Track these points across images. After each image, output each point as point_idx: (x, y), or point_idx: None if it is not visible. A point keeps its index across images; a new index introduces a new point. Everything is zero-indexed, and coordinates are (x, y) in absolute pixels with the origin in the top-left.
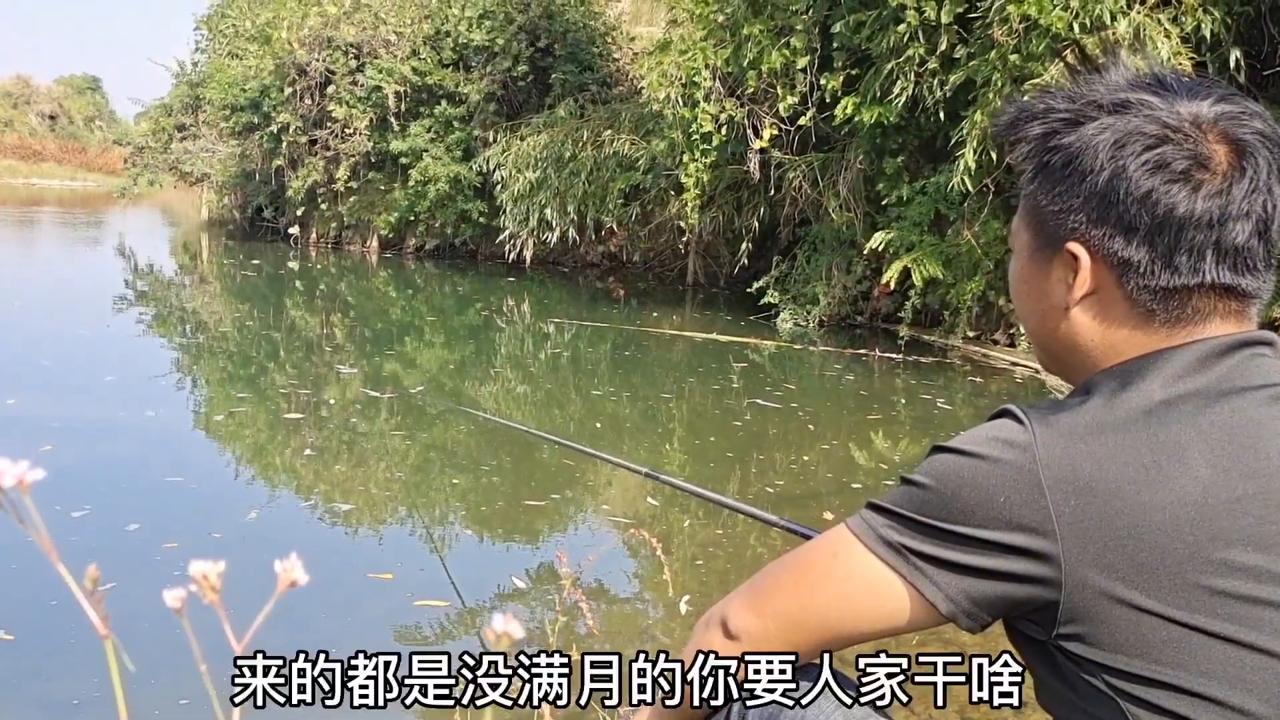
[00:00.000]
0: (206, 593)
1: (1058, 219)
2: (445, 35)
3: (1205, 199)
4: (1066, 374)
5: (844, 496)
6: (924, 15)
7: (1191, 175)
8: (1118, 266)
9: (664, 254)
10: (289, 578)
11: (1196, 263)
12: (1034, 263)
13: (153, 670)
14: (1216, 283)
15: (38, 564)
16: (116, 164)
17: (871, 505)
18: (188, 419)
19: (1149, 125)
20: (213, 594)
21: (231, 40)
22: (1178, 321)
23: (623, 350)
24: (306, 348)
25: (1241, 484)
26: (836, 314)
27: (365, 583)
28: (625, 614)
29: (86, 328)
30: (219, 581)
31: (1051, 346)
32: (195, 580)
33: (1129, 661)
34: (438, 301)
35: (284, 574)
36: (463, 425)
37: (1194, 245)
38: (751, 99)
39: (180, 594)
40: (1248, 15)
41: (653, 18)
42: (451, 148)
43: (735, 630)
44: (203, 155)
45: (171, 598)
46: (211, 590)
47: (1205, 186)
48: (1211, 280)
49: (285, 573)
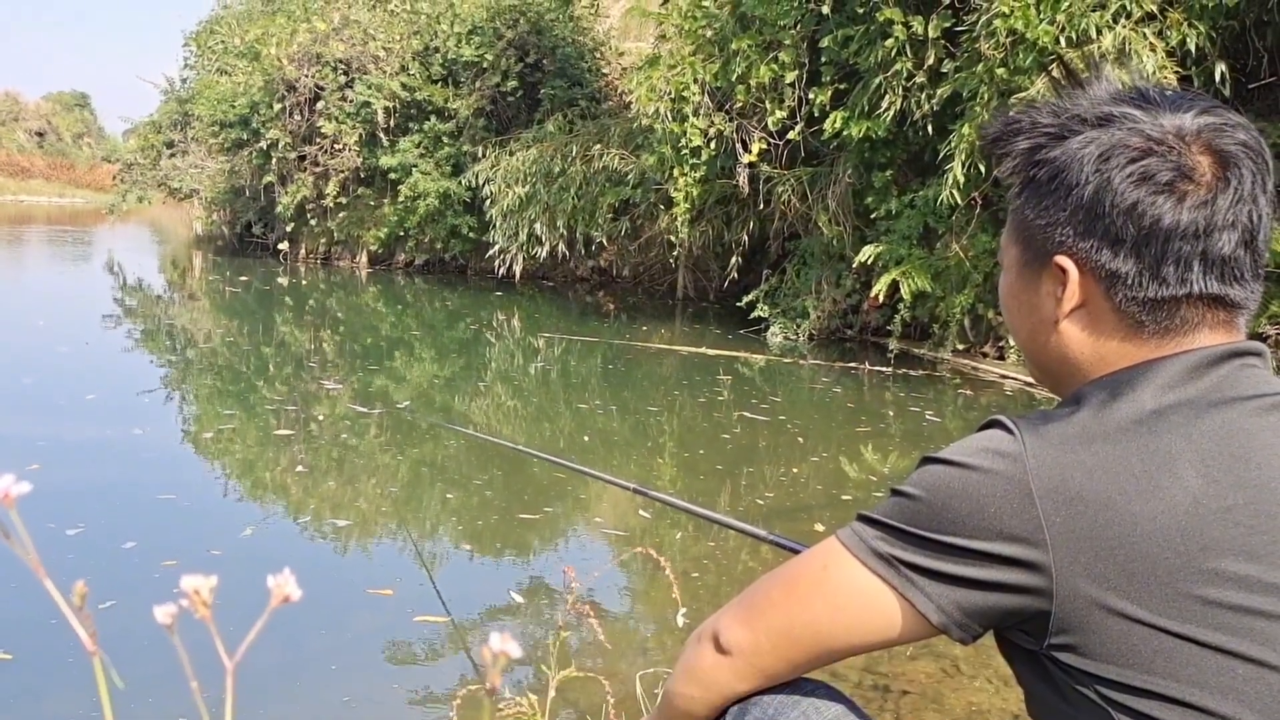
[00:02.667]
0: (198, 608)
1: (1045, 232)
2: (434, 51)
3: (1190, 210)
4: (1057, 387)
5: (834, 509)
6: (911, 30)
7: (1176, 186)
8: (1106, 279)
9: (653, 268)
10: (282, 593)
11: (1184, 273)
12: (1023, 277)
13: (148, 688)
14: (1204, 293)
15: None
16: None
17: (862, 517)
18: (177, 436)
19: (1133, 138)
20: (204, 609)
21: (220, 57)
22: (1167, 332)
23: (612, 365)
24: (296, 364)
25: (1232, 494)
26: (826, 327)
27: (364, 599)
28: (624, 628)
29: (71, 345)
30: (210, 596)
31: (1042, 360)
32: (187, 595)
33: (1121, 672)
34: (427, 317)
35: (277, 589)
36: (453, 440)
37: (1181, 256)
38: (740, 113)
39: (171, 609)
40: (1233, 29)
41: (641, 33)
42: (441, 163)
43: (727, 645)
44: (192, 171)
45: (162, 613)
46: (203, 605)
47: (1190, 197)
48: (1199, 291)
49: (279, 587)
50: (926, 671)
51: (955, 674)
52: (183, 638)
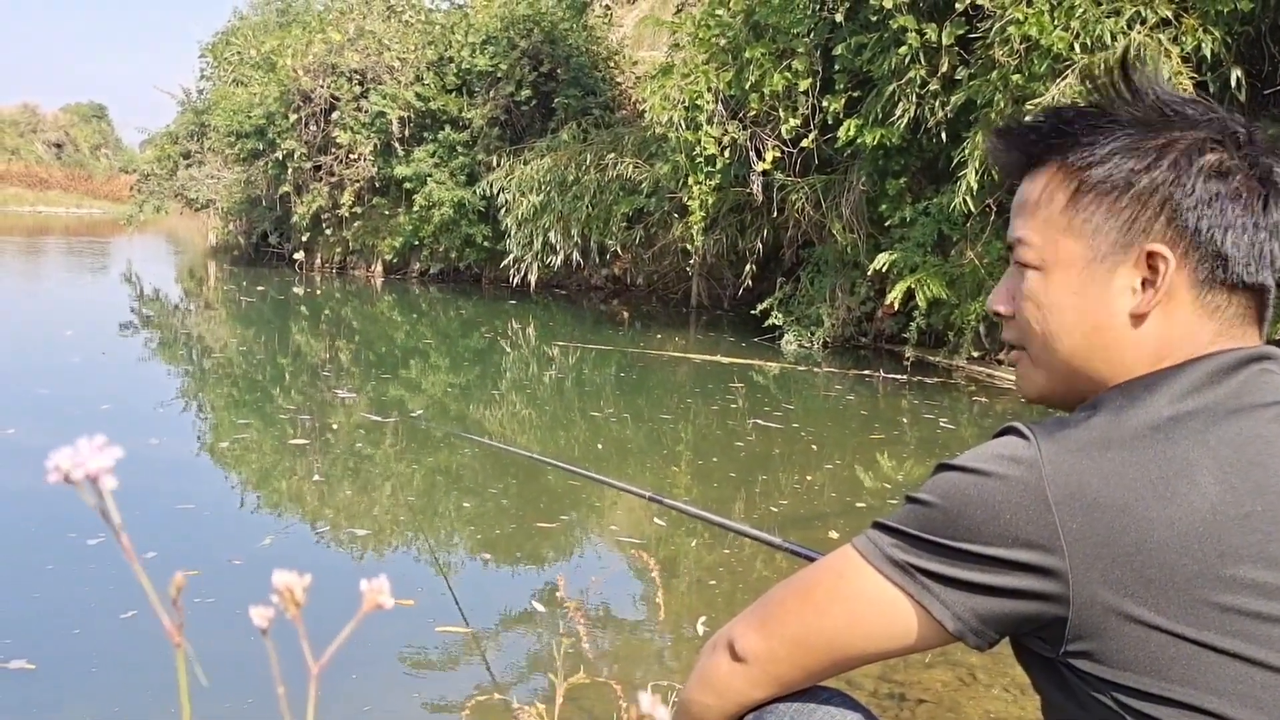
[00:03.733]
0: (289, 606)
1: (1130, 224)
2: (448, 61)
3: (1273, 211)
4: (1079, 395)
5: (849, 517)
6: (925, 37)
7: (1255, 187)
8: (1206, 260)
9: (668, 277)
10: (375, 599)
11: (1260, 268)
12: (1089, 271)
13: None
14: (1263, 284)
15: (61, 592)
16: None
17: (877, 524)
18: (193, 446)
19: (1209, 133)
20: (294, 609)
21: (236, 68)
22: (1230, 323)
23: (626, 373)
24: (311, 373)
25: (1250, 501)
26: (840, 335)
27: (392, 611)
28: (636, 638)
29: (89, 355)
30: (304, 596)
31: (1086, 363)
32: (279, 592)
33: (1137, 679)
34: (442, 326)
35: (370, 594)
36: (467, 449)
37: (1261, 249)
38: (754, 122)
39: (268, 612)
40: (1248, 35)
41: (655, 42)
42: (455, 173)
43: (742, 653)
44: (208, 182)
45: (258, 615)
46: (294, 605)
47: (1274, 200)
48: (1264, 281)
49: (371, 593)
50: (943, 680)
51: (972, 682)
52: (204, 643)
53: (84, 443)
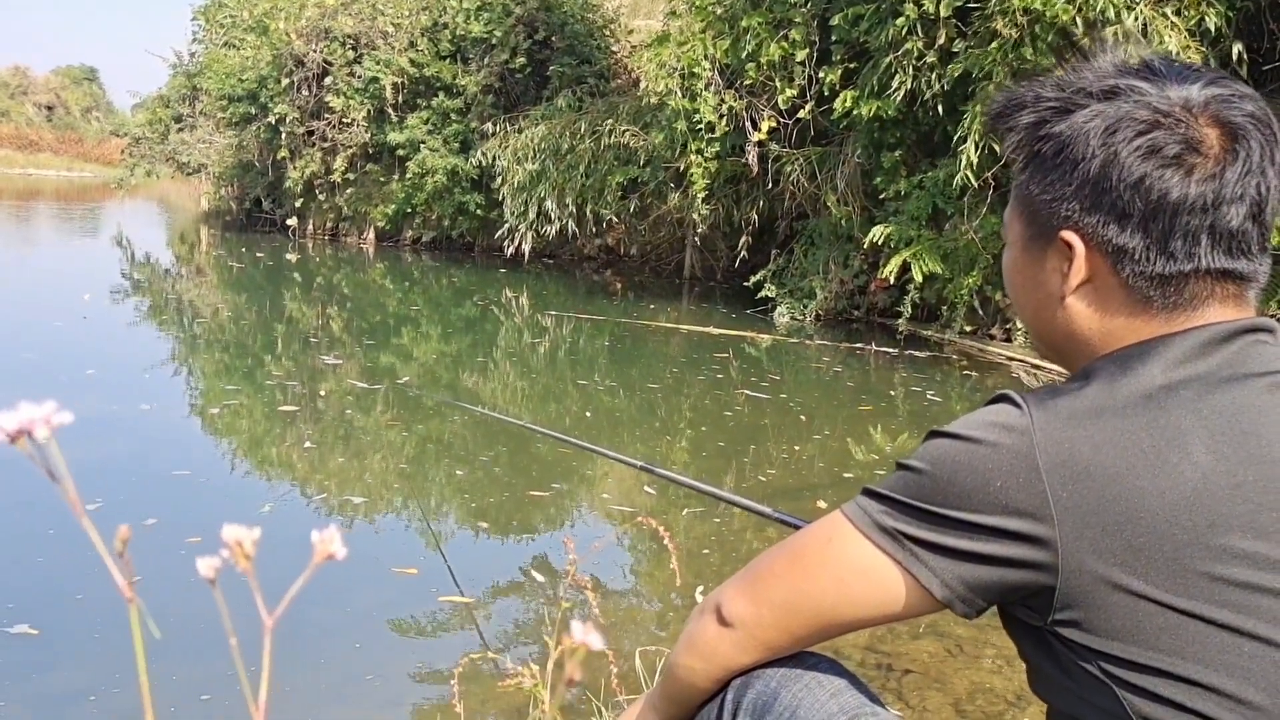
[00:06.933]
0: (239, 560)
1: (1050, 208)
2: (443, 27)
3: (1198, 183)
4: (1065, 363)
5: (837, 487)
6: (923, 8)
7: (1184, 160)
8: (1112, 254)
9: (661, 247)
10: (326, 549)
11: (1191, 248)
12: (1028, 253)
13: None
14: (1212, 267)
15: (64, 558)
16: (113, 155)
17: (867, 491)
18: (184, 411)
19: (1140, 110)
20: (245, 561)
21: (229, 31)
22: (1175, 307)
23: (619, 343)
24: (302, 340)
25: (1241, 470)
26: (833, 308)
27: (389, 577)
28: (629, 604)
29: (78, 319)
30: (253, 549)
31: (1049, 336)
32: (228, 545)
33: (1125, 648)
34: (435, 294)
35: (321, 545)
36: (457, 416)
37: (1189, 230)
38: (750, 91)
39: (215, 562)
40: (1248, 10)
41: (651, 10)
42: (449, 140)
43: (729, 617)
44: (200, 146)
45: (205, 566)
46: (244, 558)
47: (1198, 170)
48: (1208, 265)
49: (322, 543)
50: (929, 650)
51: (958, 653)
52: (212, 609)
53: (25, 405)
